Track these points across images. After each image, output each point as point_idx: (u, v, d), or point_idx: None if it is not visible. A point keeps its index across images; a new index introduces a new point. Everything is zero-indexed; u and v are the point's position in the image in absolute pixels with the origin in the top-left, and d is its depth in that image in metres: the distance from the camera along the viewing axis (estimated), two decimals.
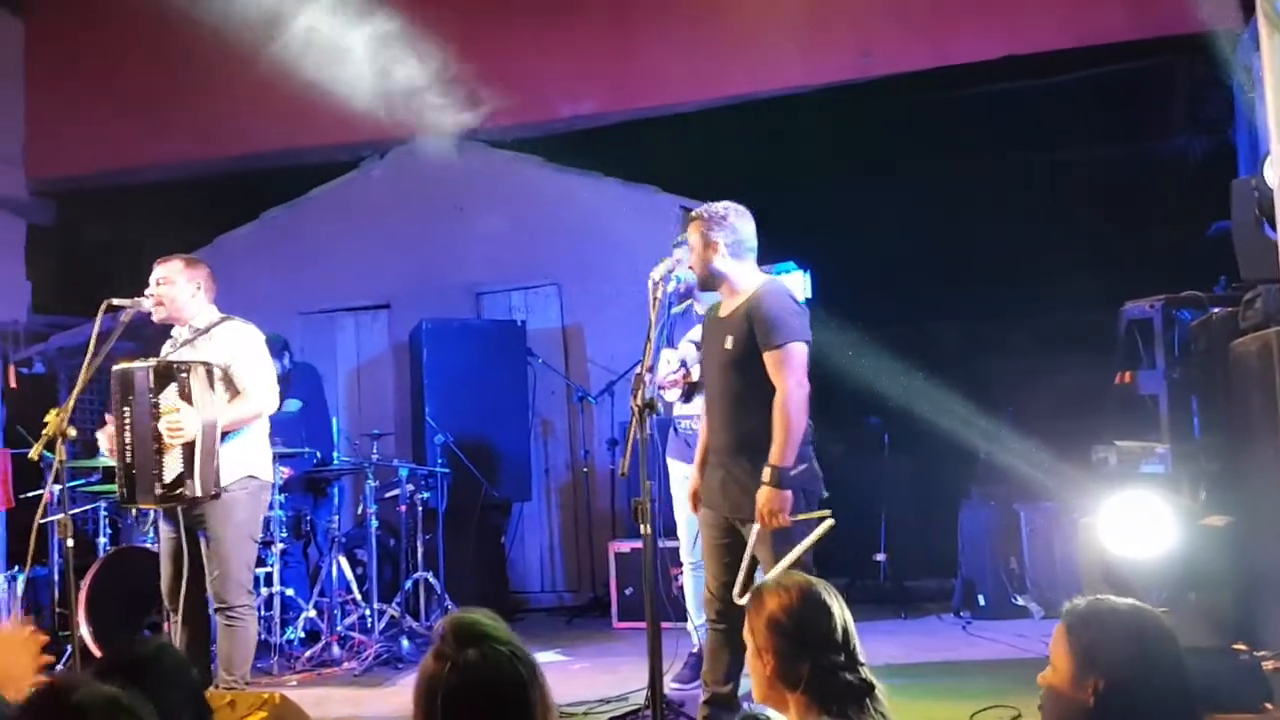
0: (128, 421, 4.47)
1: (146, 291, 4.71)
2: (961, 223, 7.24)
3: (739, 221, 4.12)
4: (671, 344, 5.27)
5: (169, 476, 4.41)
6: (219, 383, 4.60)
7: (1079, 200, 7.15)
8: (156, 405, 4.41)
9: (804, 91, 7.42)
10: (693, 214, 4.19)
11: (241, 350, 4.69)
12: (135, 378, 4.47)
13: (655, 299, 4.06)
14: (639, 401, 3.75)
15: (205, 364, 4.54)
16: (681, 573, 6.31)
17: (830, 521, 3.78)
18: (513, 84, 7.25)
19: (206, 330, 4.72)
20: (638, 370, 3.87)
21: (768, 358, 3.94)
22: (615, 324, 7.96)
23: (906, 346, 6.60)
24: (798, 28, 7.23)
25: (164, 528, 4.75)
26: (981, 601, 6.58)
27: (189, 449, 4.41)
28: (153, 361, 4.54)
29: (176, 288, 4.69)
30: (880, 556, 7.05)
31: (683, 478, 5.10)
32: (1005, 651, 5.69)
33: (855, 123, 7.17)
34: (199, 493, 4.43)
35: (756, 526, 3.91)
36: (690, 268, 4.24)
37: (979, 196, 7.21)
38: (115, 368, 4.57)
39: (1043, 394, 6.57)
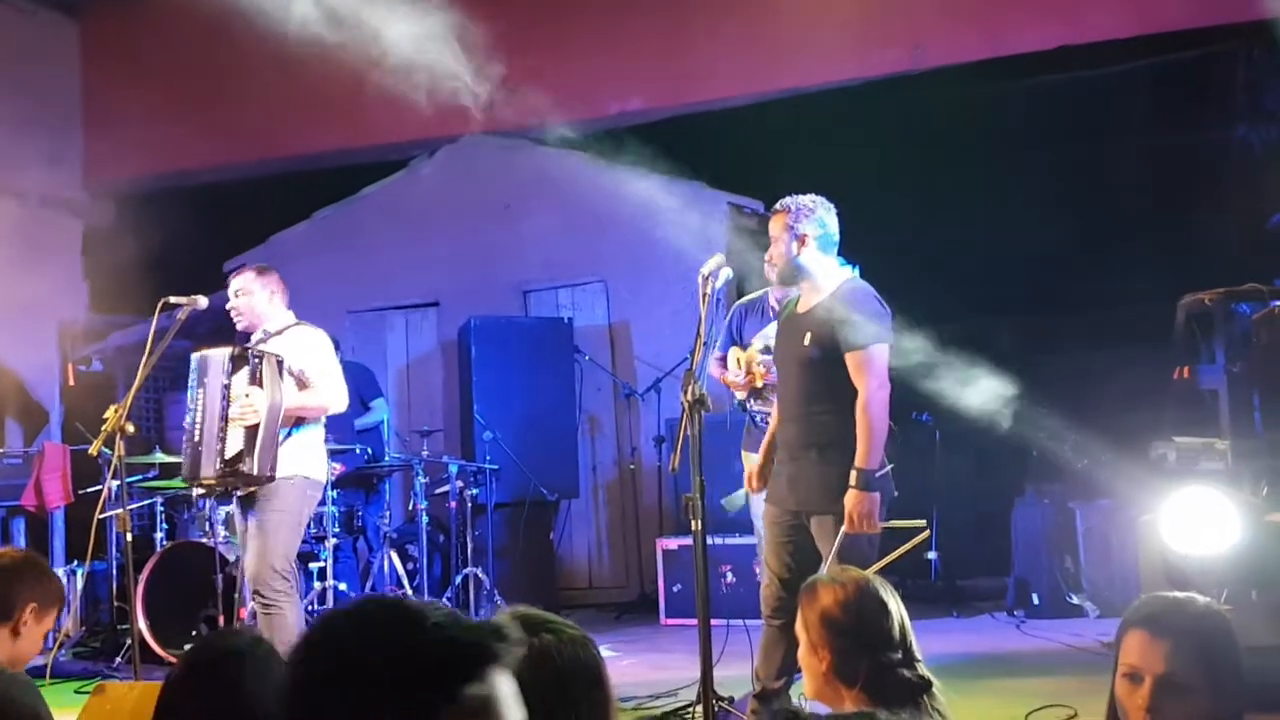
0: (199, 402, 4.66)
1: (227, 305, 4.90)
2: (1015, 215, 7.13)
3: (826, 215, 4.06)
4: (741, 339, 5.21)
5: (230, 453, 4.57)
6: (288, 375, 4.77)
7: (1136, 192, 7.02)
8: (228, 387, 4.61)
9: (855, 85, 7.35)
10: (777, 206, 4.10)
11: (313, 351, 4.90)
12: (212, 361, 4.66)
13: (705, 295, 4.02)
14: (689, 398, 3.73)
15: (277, 355, 4.74)
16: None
17: (926, 533, 3.75)
18: (562, 81, 7.26)
19: (279, 333, 4.91)
20: (688, 367, 3.86)
21: (849, 358, 3.88)
22: (662, 321, 7.95)
23: (958, 342, 6.51)
24: (848, 21, 7.16)
25: (238, 517, 4.91)
26: (1036, 600, 6.49)
27: (252, 430, 4.57)
28: (230, 348, 4.73)
29: (255, 297, 4.92)
30: (932, 555, 6.97)
31: None
32: (1061, 650, 5.61)
33: (907, 116, 7.10)
34: (255, 471, 4.58)
35: (833, 522, 3.86)
36: (768, 261, 4.17)
37: (1033, 189, 7.09)
38: (195, 353, 4.76)
39: (1098, 390, 6.46)
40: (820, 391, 3.97)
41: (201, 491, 4.98)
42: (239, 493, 4.75)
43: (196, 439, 4.64)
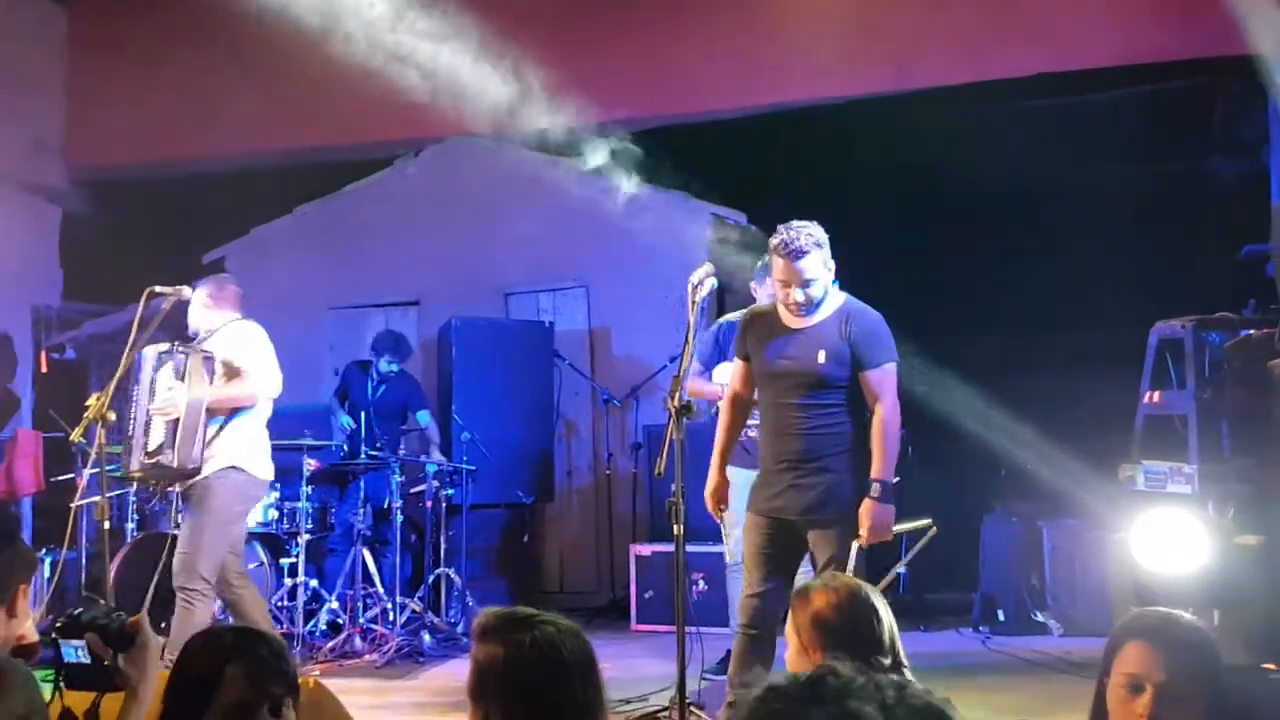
0: (135, 398, 4.91)
1: None
2: (994, 239, 7.23)
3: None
4: (725, 356, 5.28)
5: (152, 445, 4.79)
6: (219, 373, 4.91)
7: (1112, 219, 7.14)
8: (155, 382, 4.84)
9: (839, 103, 7.44)
10: (806, 245, 4.00)
11: (244, 343, 5.01)
12: (144, 358, 4.89)
13: (694, 302, 4.08)
14: (676, 403, 3.78)
15: (206, 351, 4.89)
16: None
17: (934, 530, 3.86)
18: (549, 87, 7.29)
19: (214, 331, 5.08)
20: (676, 372, 3.90)
21: (868, 375, 4.01)
22: (642, 327, 7.99)
23: (933, 361, 6.61)
24: (835, 39, 7.25)
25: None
26: (1001, 617, 6.56)
27: (174, 423, 4.76)
28: (160, 346, 4.91)
29: (190, 308, 5.12)
30: (900, 568, 7.03)
31: (742, 483, 5.09)
32: (1025, 666, 5.69)
33: (891, 135, 7.18)
34: (175, 464, 4.74)
35: (836, 534, 3.96)
36: (806, 301, 4.06)
37: (1013, 213, 7.20)
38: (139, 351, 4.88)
39: (1069, 411, 6.56)
40: (828, 406, 4.07)
41: (142, 486, 5.20)
42: (178, 489, 4.97)
43: (130, 432, 4.88)
